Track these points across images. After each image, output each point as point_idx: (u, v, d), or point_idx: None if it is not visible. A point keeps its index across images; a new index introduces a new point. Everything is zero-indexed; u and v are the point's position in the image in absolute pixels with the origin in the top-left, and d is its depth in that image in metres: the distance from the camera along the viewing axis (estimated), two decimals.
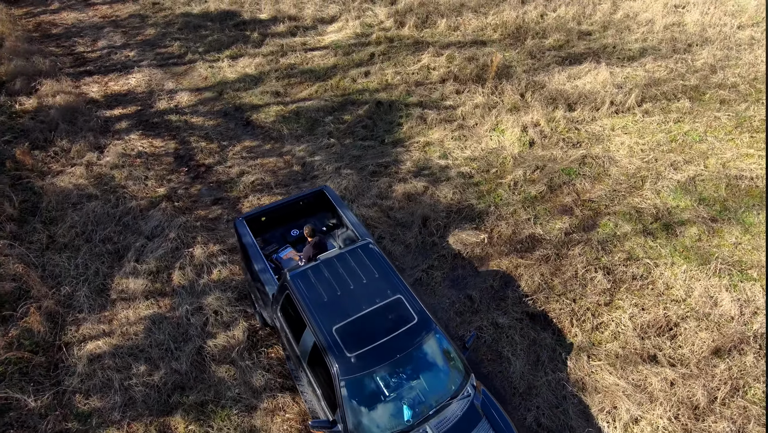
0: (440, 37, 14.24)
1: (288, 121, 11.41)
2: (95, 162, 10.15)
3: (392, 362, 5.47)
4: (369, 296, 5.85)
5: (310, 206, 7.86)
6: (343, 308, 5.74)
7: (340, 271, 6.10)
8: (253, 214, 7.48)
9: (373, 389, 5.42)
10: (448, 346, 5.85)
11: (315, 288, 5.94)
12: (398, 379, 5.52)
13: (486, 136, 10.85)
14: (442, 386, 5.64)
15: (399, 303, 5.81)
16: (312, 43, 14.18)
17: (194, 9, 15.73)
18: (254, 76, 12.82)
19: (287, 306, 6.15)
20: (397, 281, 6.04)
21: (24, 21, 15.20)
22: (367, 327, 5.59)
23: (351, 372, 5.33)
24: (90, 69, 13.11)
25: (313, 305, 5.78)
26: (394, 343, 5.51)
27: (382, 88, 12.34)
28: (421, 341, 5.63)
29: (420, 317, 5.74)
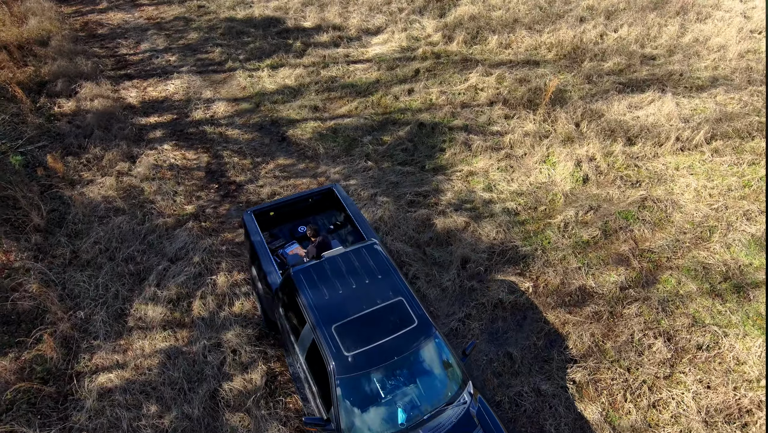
0: (490, 55, 13.46)
1: (325, 139, 10.88)
2: (126, 172, 9.87)
3: (389, 364, 5.45)
4: (370, 296, 5.84)
5: (319, 204, 7.81)
6: (344, 307, 5.74)
7: (343, 270, 6.10)
8: (262, 208, 7.47)
9: (368, 390, 5.40)
10: (447, 352, 5.81)
11: (317, 285, 5.95)
12: (394, 381, 5.49)
13: (535, 168, 10.03)
14: (439, 392, 5.60)
15: (400, 305, 5.79)
16: (355, 55, 13.64)
17: (238, 14, 15.44)
18: (293, 89, 12.37)
19: (289, 302, 6.15)
20: (400, 283, 6.01)
21: (72, 20, 15.25)
22: (366, 327, 5.58)
23: (347, 371, 5.32)
24: (130, 73, 12.95)
25: (314, 302, 5.79)
26: (393, 345, 5.50)
27: (425, 108, 11.67)
28: (420, 345, 5.61)
29: (420, 321, 5.71)
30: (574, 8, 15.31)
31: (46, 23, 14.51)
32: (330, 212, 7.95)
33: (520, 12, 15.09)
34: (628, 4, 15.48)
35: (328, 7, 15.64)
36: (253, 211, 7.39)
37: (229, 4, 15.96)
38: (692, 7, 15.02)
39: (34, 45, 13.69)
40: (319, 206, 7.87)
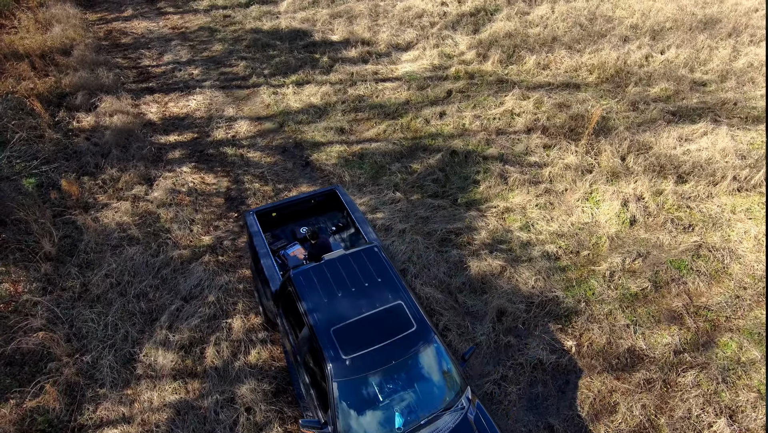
0: (527, 76, 12.71)
1: (351, 165, 10.28)
2: (143, 197, 9.41)
3: (387, 367, 5.43)
4: (369, 299, 5.83)
5: (322, 205, 7.80)
6: (343, 310, 5.72)
7: (343, 272, 6.07)
8: (264, 209, 7.45)
9: (366, 394, 5.38)
10: (446, 356, 5.76)
11: (316, 288, 5.94)
12: (392, 385, 5.46)
13: (577, 206, 9.28)
14: (436, 397, 5.57)
15: (399, 309, 5.77)
16: (384, 72, 13.02)
17: (265, 25, 14.96)
18: (319, 108, 11.80)
19: (288, 304, 6.14)
20: (400, 287, 5.99)
21: (96, 27, 14.95)
22: (365, 331, 5.57)
23: (345, 374, 5.32)
24: (152, 86, 12.54)
25: (313, 304, 5.78)
26: (391, 349, 5.48)
27: (458, 134, 10.99)
28: (418, 349, 5.60)
29: (419, 325, 5.69)
30: (617, 26, 14.46)
31: (70, 31, 14.22)
32: (332, 214, 7.90)
33: (558, 30, 14.29)
34: (675, 24, 14.57)
35: (357, 20, 15.06)
36: (255, 211, 7.34)
37: (255, 15, 15.49)
38: (746, 29, 14.05)
39: (57, 54, 13.38)
40: (322, 207, 7.84)
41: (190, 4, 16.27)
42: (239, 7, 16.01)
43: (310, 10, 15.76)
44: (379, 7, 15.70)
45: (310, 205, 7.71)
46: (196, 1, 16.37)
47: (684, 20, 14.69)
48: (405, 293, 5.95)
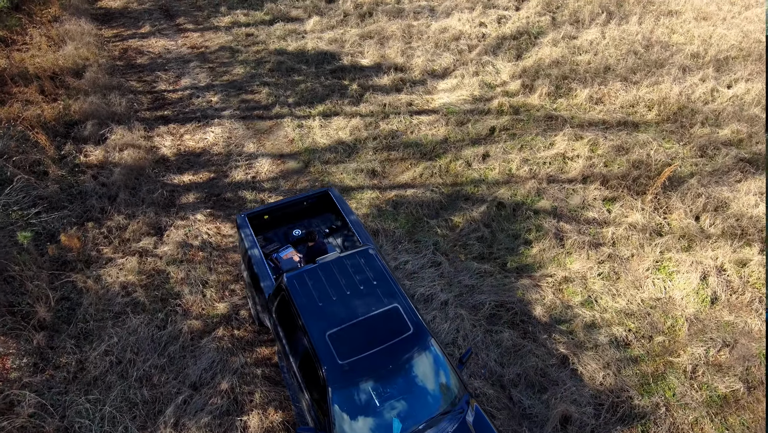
0: (578, 112, 11.45)
1: (384, 215, 9.15)
2: (151, 251, 8.39)
3: (384, 372, 5.35)
4: (365, 302, 5.71)
5: (315, 207, 7.71)
6: (338, 314, 5.61)
7: (338, 275, 5.96)
8: (256, 212, 7.36)
9: (362, 399, 5.26)
10: (443, 360, 5.65)
11: (311, 291, 5.82)
12: (389, 390, 5.34)
13: (646, 277, 8.02)
14: (434, 401, 5.46)
15: (395, 312, 5.67)
16: (419, 103, 11.87)
17: (289, 45, 13.91)
18: (348, 145, 10.69)
19: (282, 308, 6.01)
20: (396, 290, 5.87)
21: (111, 45, 14.06)
22: (360, 335, 5.46)
23: (341, 380, 5.22)
24: (167, 114, 11.55)
25: (307, 308, 5.67)
26: (388, 353, 5.39)
27: (504, 181, 9.79)
28: (415, 353, 5.50)
29: (416, 328, 5.60)
30: (675, 54, 13.11)
31: (83, 49, 13.34)
32: (325, 216, 7.83)
33: (611, 57, 12.99)
34: (741, 53, 13.17)
35: (388, 42, 13.93)
36: (247, 215, 7.26)
37: (279, 34, 14.46)
38: None
39: (68, 75, 12.50)
40: (315, 210, 7.74)
41: (211, 20, 15.30)
42: (263, 25, 14.99)
43: (338, 30, 14.68)
44: (413, 28, 14.56)
45: (302, 208, 7.62)
46: (216, 18, 15.40)
47: (750, 49, 13.28)
48: (401, 295, 5.83)
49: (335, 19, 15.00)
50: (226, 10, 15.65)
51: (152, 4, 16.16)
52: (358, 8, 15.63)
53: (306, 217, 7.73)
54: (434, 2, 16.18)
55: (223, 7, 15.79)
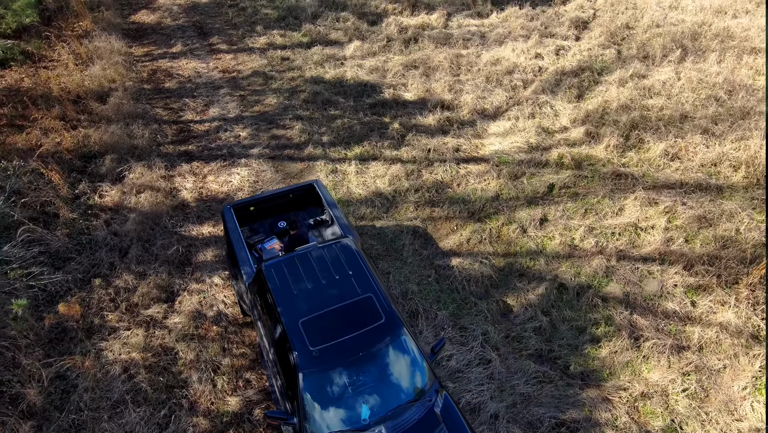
0: (651, 169, 9.99)
1: (426, 291, 7.95)
2: (160, 321, 7.41)
3: (354, 359, 5.46)
4: (339, 292, 5.87)
5: (300, 200, 7.88)
6: (312, 302, 5.77)
7: (315, 265, 6.12)
8: (242, 203, 7.50)
9: (332, 385, 5.38)
10: (414, 349, 5.76)
11: (287, 280, 5.97)
12: (360, 377, 5.44)
13: (743, 399, 6.59)
14: (403, 389, 5.57)
15: (369, 301, 5.80)
16: (467, 149, 10.62)
17: (327, 73, 12.86)
18: (387, 197, 9.53)
19: (260, 295, 6.19)
20: (371, 280, 6.00)
21: (140, 65, 13.29)
22: (333, 323, 5.61)
23: (311, 366, 5.35)
24: (191, 150, 10.63)
25: (283, 296, 5.82)
26: (359, 341, 5.52)
27: (565, 254, 8.46)
28: (387, 342, 5.63)
29: (388, 318, 5.73)
30: (762, 102, 11.47)
31: (111, 70, 12.59)
32: (311, 209, 8.00)
33: (687, 103, 11.45)
34: None
35: (435, 74, 12.72)
36: (232, 206, 7.41)
37: (317, 59, 13.42)
38: None
39: (92, 99, 11.75)
40: (300, 202, 7.92)
41: (246, 40, 14.39)
42: (300, 48, 13.99)
43: (380, 57, 13.55)
44: (462, 58, 13.31)
45: (288, 200, 7.77)
46: (252, 38, 14.49)
47: None
48: (376, 285, 5.98)
49: (377, 45, 13.88)
50: (262, 30, 14.73)
51: (186, 20, 15.37)
52: (402, 33, 14.48)
53: (292, 209, 7.88)
54: (485, 28, 14.91)
55: (259, 26, 14.87)
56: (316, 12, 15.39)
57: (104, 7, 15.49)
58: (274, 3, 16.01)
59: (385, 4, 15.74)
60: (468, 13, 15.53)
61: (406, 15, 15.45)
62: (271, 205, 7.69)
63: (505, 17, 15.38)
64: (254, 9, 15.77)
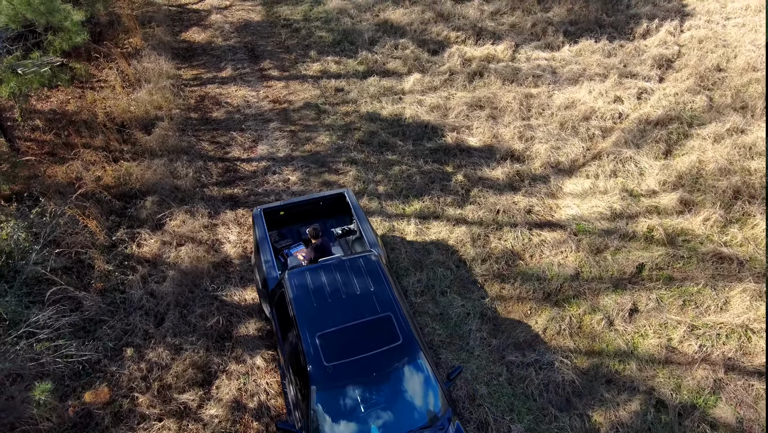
0: (758, 251, 8.60)
1: (497, 393, 6.84)
2: (194, 411, 6.56)
3: (368, 379, 5.42)
4: (359, 308, 5.83)
5: (330, 208, 7.84)
6: (331, 316, 5.74)
7: (337, 278, 6.09)
8: (273, 207, 7.52)
9: (344, 403, 5.34)
10: (430, 374, 5.68)
11: (308, 291, 5.97)
12: (372, 397, 5.39)
13: None
14: (416, 413, 5.48)
15: (387, 321, 5.75)
16: (541, 211, 9.45)
17: (384, 109, 11.88)
18: (449, 267, 8.47)
19: (280, 304, 6.19)
20: (392, 298, 5.95)
21: (188, 90, 12.64)
22: (350, 339, 5.58)
23: (324, 381, 5.33)
24: (237, 195, 9.83)
25: (302, 307, 5.82)
26: (374, 360, 5.47)
27: (661, 358, 7.20)
28: (402, 364, 5.57)
29: (405, 339, 5.67)
30: None
31: (158, 95, 11.97)
32: (339, 218, 7.94)
33: None
34: None
35: (502, 117, 11.57)
36: (263, 209, 7.41)
37: (373, 92, 12.47)
38: None
39: (137, 128, 11.13)
40: (330, 211, 7.89)
41: (298, 66, 13.57)
42: (355, 78, 13.07)
43: (442, 92, 12.50)
44: (532, 99, 12.12)
45: (318, 208, 7.77)
46: (305, 64, 13.65)
47: None
48: (397, 305, 5.91)
49: (439, 78, 12.82)
50: (316, 55, 13.88)
51: (238, 40, 14.68)
52: (466, 65, 13.38)
53: (321, 217, 7.85)
54: (557, 63, 13.65)
55: (313, 51, 14.03)
56: (373, 37, 14.45)
57: (155, 23, 14.97)
58: (329, 25, 15.16)
59: (447, 31, 14.67)
60: (537, 45, 14.29)
61: (470, 44, 14.34)
62: (301, 212, 7.73)
63: (578, 51, 14.08)
64: (308, 31, 14.95)
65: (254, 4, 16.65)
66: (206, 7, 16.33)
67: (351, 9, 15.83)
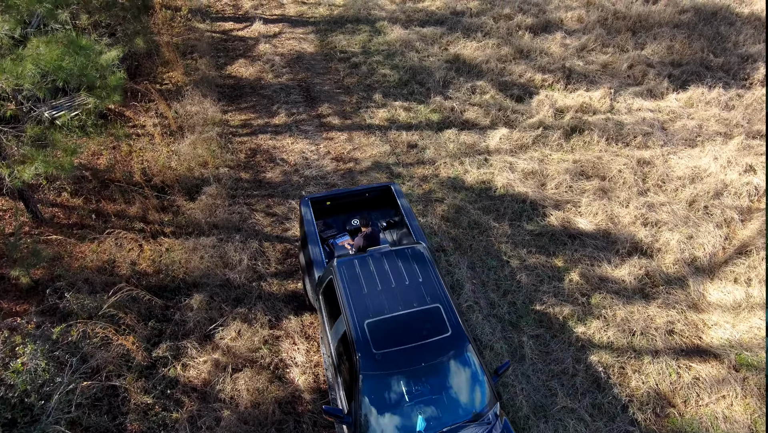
0: None
1: None
2: None
3: (416, 369, 5.39)
4: (408, 298, 5.81)
5: (376, 200, 7.87)
6: (380, 304, 5.72)
7: (386, 267, 6.10)
8: (320, 197, 7.58)
9: (391, 392, 5.31)
10: (478, 367, 5.60)
11: (357, 279, 5.96)
12: (419, 388, 5.36)
13: None
14: (463, 407, 5.41)
15: (436, 312, 5.73)
16: (684, 330, 7.43)
17: (468, 173, 9.96)
18: (577, 413, 6.55)
19: (328, 290, 6.19)
20: (440, 290, 5.93)
21: (237, 141, 10.91)
22: (398, 328, 5.56)
23: (372, 369, 5.31)
24: (301, 293, 8.03)
25: (351, 294, 5.81)
26: (423, 351, 5.45)
27: None
28: (450, 356, 5.53)
29: (454, 331, 5.62)
30: None
31: (202, 147, 10.28)
32: (385, 210, 7.92)
33: None
34: None
35: (615, 192, 9.56)
36: (310, 198, 7.46)
37: (452, 149, 10.58)
38: None
39: (179, 193, 9.44)
40: (376, 202, 7.89)
41: (361, 113, 11.73)
42: (429, 129, 11.19)
43: (534, 152, 10.55)
44: (647, 166, 10.10)
45: (364, 199, 7.79)
46: (369, 109, 11.81)
47: None
48: (445, 296, 5.87)
49: (529, 135, 10.86)
50: (381, 99, 12.02)
51: (290, 77, 12.90)
52: (558, 117, 11.41)
53: (366, 208, 7.89)
54: (664, 115, 11.61)
55: (377, 93, 12.18)
56: (446, 78, 12.55)
57: (198, 54, 13.30)
58: (392, 60, 13.30)
59: (530, 72, 12.70)
60: (637, 91, 12.24)
61: (559, 89, 12.36)
62: (347, 202, 7.75)
63: (688, 100, 12.00)
64: (370, 67, 13.11)
65: (306, 31, 14.89)
66: (253, 34, 14.60)
67: (416, 41, 13.97)
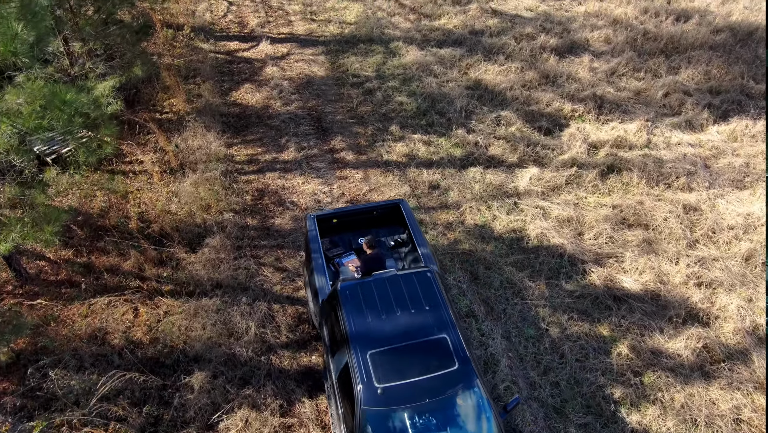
0: None
1: None
2: None
3: (420, 405, 5.15)
4: (413, 328, 5.60)
5: (384, 218, 7.63)
6: (384, 334, 5.52)
7: (391, 293, 5.87)
8: (326, 214, 7.37)
9: (392, 428, 5.03)
10: (485, 403, 5.30)
11: (361, 306, 5.77)
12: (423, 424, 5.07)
13: None
14: None
15: (443, 343, 5.50)
16: (753, 419, 6.53)
17: (498, 221, 9.04)
18: None
19: (332, 316, 6.00)
20: (447, 319, 5.69)
21: (243, 180, 10.02)
22: (402, 360, 5.37)
23: (374, 403, 5.10)
24: (316, 367, 7.12)
25: (355, 322, 5.61)
26: (427, 385, 5.24)
27: None
28: (457, 391, 5.28)
29: (461, 364, 5.38)
30: None
31: (204, 188, 9.41)
32: (393, 228, 7.65)
33: None
34: None
35: (662, 244, 8.63)
36: (316, 216, 7.23)
37: (479, 190, 9.66)
38: None
39: (179, 243, 8.55)
40: (384, 220, 7.62)
41: (377, 147, 10.81)
42: (451, 167, 10.29)
43: (566, 194, 9.63)
44: (694, 213, 9.18)
45: (372, 217, 7.55)
46: (385, 142, 10.90)
47: None
48: (452, 326, 5.62)
49: (562, 175, 9.93)
50: (398, 130, 11.11)
51: (300, 105, 11.99)
52: (591, 152, 10.49)
53: (374, 226, 7.59)
54: (705, 150, 10.68)
55: (393, 124, 11.27)
56: (467, 106, 11.64)
57: (201, 78, 12.41)
58: (409, 86, 12.39)
59: (558, 101, 11.78)
60: (675, 123, 11.31)
61: (591, 120, 11.43)
62: (354, 220, 7.50)
63: (731, 134, 11.07)
64: (385, 94, 12.20)
65: (315, 51, 13.98)
66: (260, 56, 13.70)
67: (433, 63, 13.05)
